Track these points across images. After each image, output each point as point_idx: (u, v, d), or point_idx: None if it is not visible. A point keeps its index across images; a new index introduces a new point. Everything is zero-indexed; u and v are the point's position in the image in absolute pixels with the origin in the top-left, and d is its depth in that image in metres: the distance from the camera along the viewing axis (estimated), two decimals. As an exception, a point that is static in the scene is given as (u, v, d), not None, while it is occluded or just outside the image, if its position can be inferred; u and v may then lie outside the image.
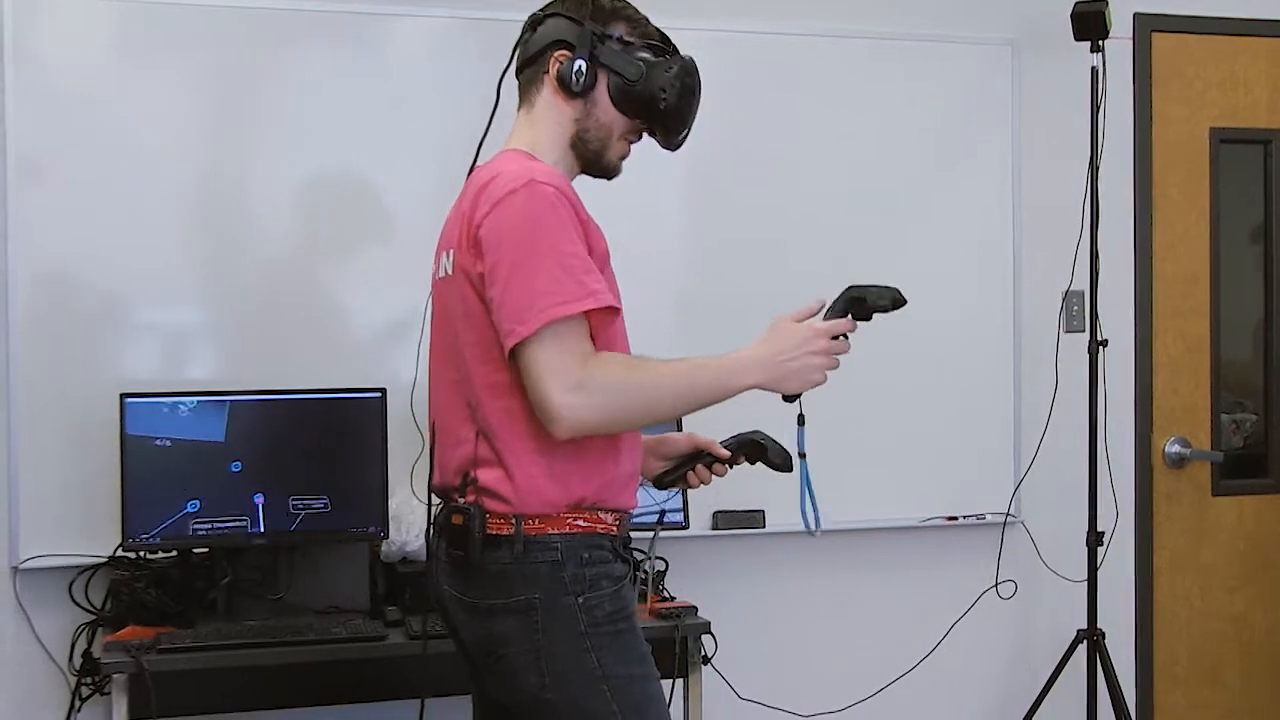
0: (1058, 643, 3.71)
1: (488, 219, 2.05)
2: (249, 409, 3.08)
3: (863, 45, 3.71)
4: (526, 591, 2.07)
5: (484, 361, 2.09)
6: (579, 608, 2.08)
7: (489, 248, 2.04)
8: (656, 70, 2.20)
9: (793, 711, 3.63)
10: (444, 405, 2.19)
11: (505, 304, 2.02)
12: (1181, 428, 4.07)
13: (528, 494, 2.07)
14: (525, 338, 1.99)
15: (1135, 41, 4.00)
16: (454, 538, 2.12)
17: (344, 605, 3.14)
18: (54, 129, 3.18)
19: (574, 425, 2.01)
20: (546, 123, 2.22)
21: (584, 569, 2.09)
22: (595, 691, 2.07)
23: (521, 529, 2.07)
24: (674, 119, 2.22)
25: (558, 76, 2.19)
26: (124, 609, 3.03)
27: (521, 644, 2.07)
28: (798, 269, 3.62)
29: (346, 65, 3.36)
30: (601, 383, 2.03)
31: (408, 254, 3.39)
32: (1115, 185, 3.91)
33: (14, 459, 3.14)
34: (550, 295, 1.99)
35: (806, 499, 2.29)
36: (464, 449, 2.13)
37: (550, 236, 2.02)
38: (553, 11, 2.23)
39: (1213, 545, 4.10)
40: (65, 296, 3.19)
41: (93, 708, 3.14)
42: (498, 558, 2.08)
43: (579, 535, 2.10)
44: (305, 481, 3.10)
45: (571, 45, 2.18)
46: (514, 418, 2.08)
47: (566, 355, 2.01)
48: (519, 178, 2.06)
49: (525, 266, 2.01)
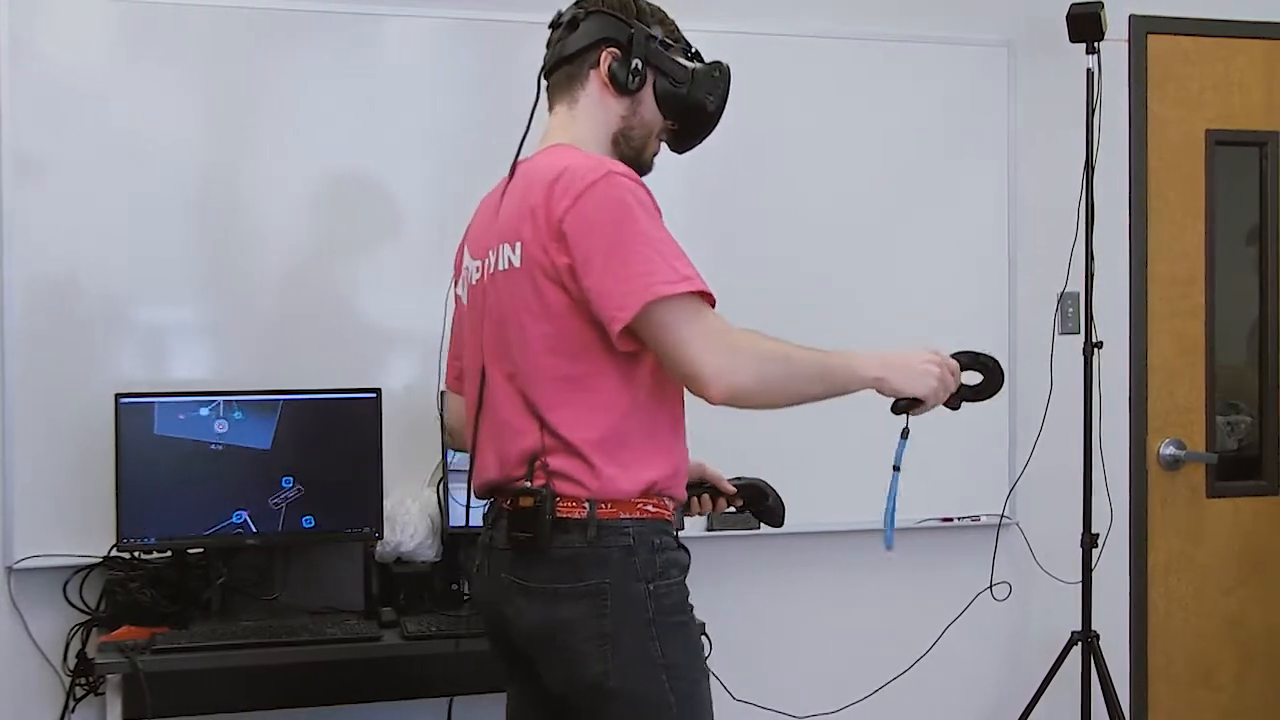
0: (1052, 644, 3.71)
1: (571, 211, 2.05)
2: (244, 409, 3.08)
3: (858, 46, 3.71)
4: (597, 576, 2.07)
5: (555, 353, 2.09)
6: (648, 594, 2.08)
7: (577, 239, 2.04)
8: (703, 75, 2.27)
9: (787, 713, 3.63)
10: (500, 400, 2.17)
11: (611, 288, 2.01)
12: (1176, 429, 4.07)
13: (606, 478, 2.07)
14: (636, 319, 1.99)
15: (1131, 43, 4.00)
16: (521, 521, 2.10)
17: (339, 606, 3.14)
18: (52, 128, 3.17)
19: (730, 387, 2.01)
20: (590, 118, 2.25)
21: (654, 555, 2.10)
22: (655, 680, 2.08)
23: (595, 512, 2.07)
24: (708, 125, 2.30)
25: (609, 73, 2.21)
26: (119, 609, 3.03)
27: (587, 630, 2.07)
28: (792, 268, 3.62)
29: (345, 65, 3.36)
30: (753, 349, 2.05)
31: (407, 254, 3.41)
32: (1111, 187, 3.92)
33: (8, 458, 3.14)
34: (665, 276, 2.01)
35: (891, 513, 2.32)
36: (527, 440, 2.12)
37: (643, 222, 2.05)
38: (594, 9, 2.25)
39: (1208, 547, 4.11)
40: (60, 296, 3.18)
41: (87, 708, 3.14)
42: (568, 541, 2.07)
43: (649, 521, 2.11)
44: (300, 482, 3.10)
45: (619, 43, 2.22)
46: (585, 408, 2.08)
47: (709, 322, 2.03)
48: (595, 169, 2.08)
49: (624, 250, 2.02)
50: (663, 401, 2.16)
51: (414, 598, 3.20)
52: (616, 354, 2.08)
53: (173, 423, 3.03)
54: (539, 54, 3.54)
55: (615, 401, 2.10)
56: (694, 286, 2.03)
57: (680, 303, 2.02)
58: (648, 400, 2.13)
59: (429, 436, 3.25)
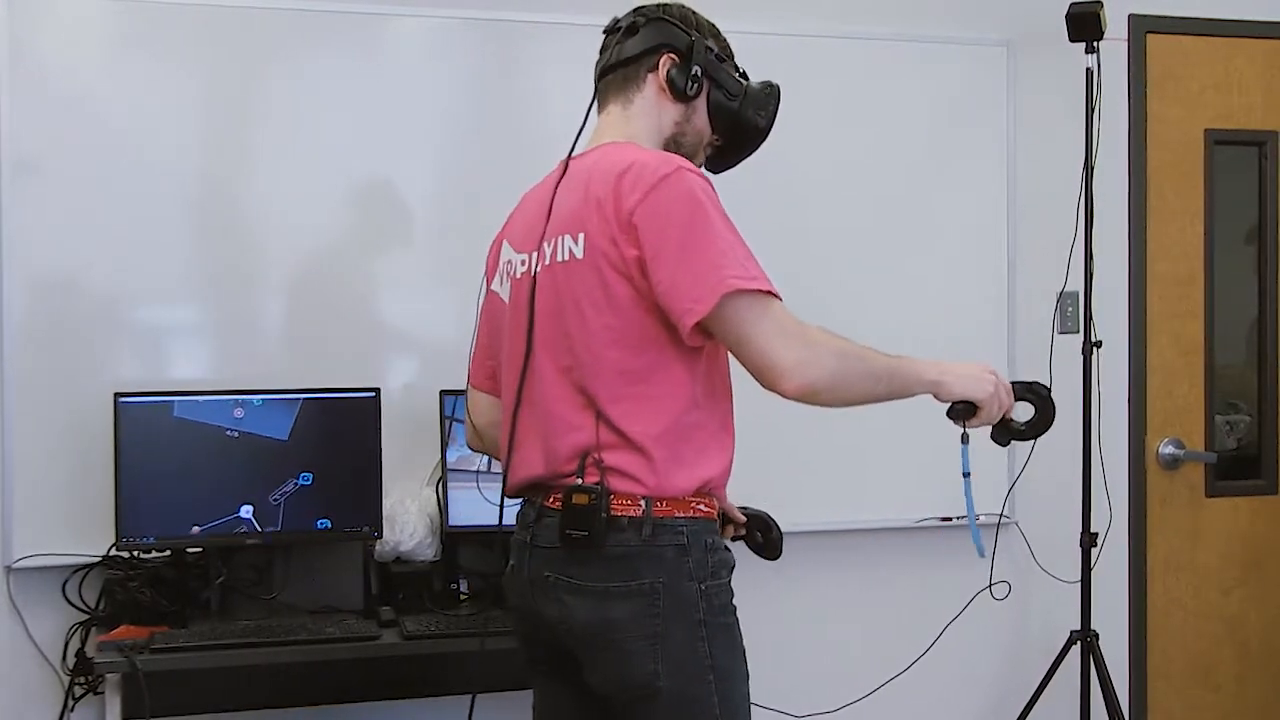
0: (1051, 644, 3.71)
1: (643, 204, 2.05)
2: (243, 409, 3.08)
3: (857, 46, 3.71)
4: (651, 575, 2.06)
5: (620, 345, 2.09)
6: (700, 594, 2.08)
7: (649, 231, 2.05)
8: (755, 92, 2.32)
9: (786, 712, 3.63)
10: (550, 394, 2.15)
11: (683, 281, 2.02)
12: (1175, 429, 4.08)
13: (664, 474, 2.07)
14: (710, 314, 2.00)
15: (1130, 43, 4.00)
16: (576, 518, 2.08)
17: (338, 605, 3.14)
18: (52, 127, 3.17)
19: (806, 382, 2.03)
20: (645, 121, 2.26)
21: (707, 555, 2.10)
22: (702, 681, 2.08)
23: (651, 510, 2.07)
24: (755, 142, 2.35)
25: (667, 77, 2.24)
26: (118, 608, 3.03)
27: (639, 629, 2.06)
28: (791, 267, 3.59)
29: (347, 64, 3.35)
30: (828, 345, 2.07)
31: (408, 253, 3.41)
32: (1110, 186, 3.92)
33: (8, 458, 3.13)
34: (736, 271, 2.02)
35: (972, 519, 2.35)
36: (580, 435, 2.11)
37: (715, 219, 2.06)
38: (655, 16, 2.28)
39: (1207, 546, 4.11)
40: (60, 295, 3.18)
41: (86, 707, 3.14)
42: (622, 540, 2.07)
43: (701, 520, 2.11)
44: (299, 481, 3.09)
45: (679, 50, 2.25)
46: (647, 401, 2.08)
47: (781, 316, 2.04)
48: (666, 163, 2.09)
49: (696, 244, 2.03)
50: (717, 398, 2.16)
51: (413, 597, 3.20)
52: (680, 348, 2.08)
53: (171, 422, 3.03)
54: (546, 53, 3.56)
55: (677, 396, 2.10)
56: (766, 287, 2.04)
57: (754, 298, 2.03)
58: (705, 396, 2.13)
59: (428, 436, 3.26)
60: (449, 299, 3.33)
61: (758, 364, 2.04)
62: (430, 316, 3.40)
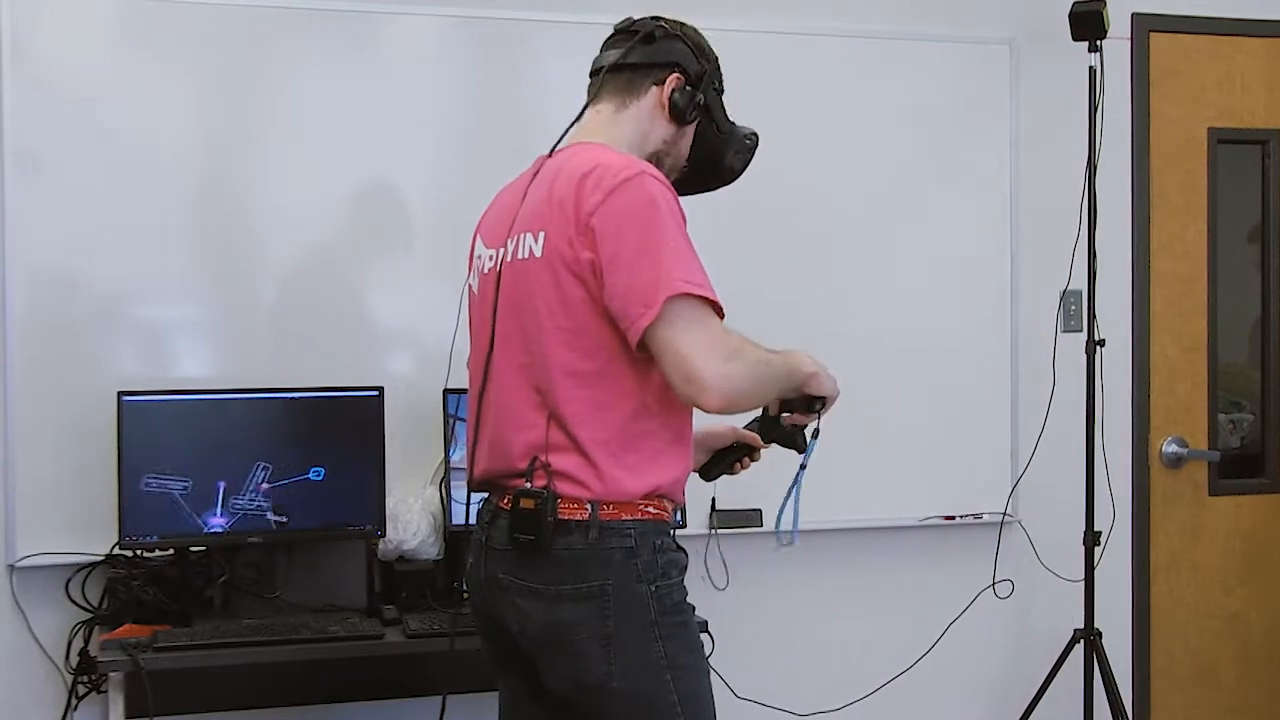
0: (1055, 642, 3.71)
1: (602, 207, 2.06)
2: (246, 407, 3.08)
3: (859, 44, 3.71)
4: (599, 577, 2.08)
5: (571, 347, 2.10)
6: (651, 595, 2.09)
7: (605, 236, 2.05)
8: (739, 136, 2.36)
9: (790, 710, 3.63)
10: (507, 390, 2.18)
11: (634, 286, 2.03)
12: (1179, 427, 4.07)
13: (610, 480, 2.08)
14: (656, 318, 2.01)
15: (1133, 41, 4.00)
16: (522, 522, 2.10)
17: (341, 604, 3.14)
18: (52, 126, 3.17)
19: (727, 394, 2.04)
20: (634, 127, 2.27)
21: (656, 556, 2.11)
22: (659, 680, 2.09)
23: (598, 514, 2.08)
24: (719, 180, 2.39)
25: (672, 98, 2.26)
26: (121, 607, 3.03)
27: (591, 631, 2.08)
28: (793, 266, 3.62)
29: (347, 63, 3.35)
30: (748, 355, 2.09)
31: (409, 252, 3.41)
32: (1113, 185, 3.92)
33: (11, 456, 3.14)
34: (684, 275, 2.03)
35: (791, 508, 2.35)
36: (532, 434, 2.12)
37: (670, 227, 2.07)
38: (675, 33, 2.30)
39: (1209, 545, 4.10)
40: (62, 293, 3.18)
41: (89, 706, 3.14)
42: (570, 543, 2.08)
43: (650, 522, 2.12)
44: (302, 480, 3.09)
45: (687, 73, 2.27)
46: (596, 405, 2.09)
47: (715, 328, 2.05)
48: (629, 167, 2.10)
49: (650, 250, 2.04)
50: (673, 409, 2.15)
51: (416, 596, 3.20)
52: (632, 354, 2.08)
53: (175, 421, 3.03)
54: (545, 53, 3.56)
55: (626, 402, 2.10)
56: (708, 295, 2.05)
57: (696, 305, 2.04)
58: (658, 405, 2.13)
59: (431, 434, 3.26)
60: (451, 297, 3.29)
61: (683, 371, 2.02)
62: (433, 315, 3.38)
